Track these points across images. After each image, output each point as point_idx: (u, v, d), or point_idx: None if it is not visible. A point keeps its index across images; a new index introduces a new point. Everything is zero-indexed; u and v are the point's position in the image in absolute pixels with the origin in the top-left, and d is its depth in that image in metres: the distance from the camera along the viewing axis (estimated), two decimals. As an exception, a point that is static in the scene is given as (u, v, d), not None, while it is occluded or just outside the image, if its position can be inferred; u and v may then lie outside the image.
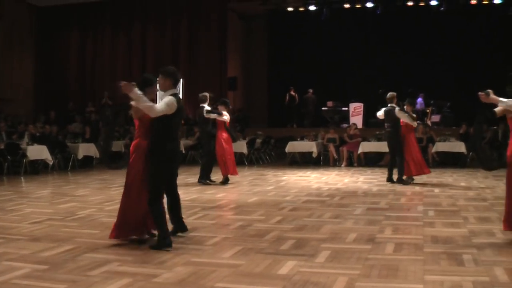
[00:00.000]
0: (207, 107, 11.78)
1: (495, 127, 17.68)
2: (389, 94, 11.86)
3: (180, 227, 6.39)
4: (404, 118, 11.57)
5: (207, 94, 12.04)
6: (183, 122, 22.03)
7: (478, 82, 20.70)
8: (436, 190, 10.64)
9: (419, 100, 20.65)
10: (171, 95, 5.77)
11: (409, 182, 11.59)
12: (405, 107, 11.70)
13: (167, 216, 6.11)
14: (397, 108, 11.58)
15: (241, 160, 17.45)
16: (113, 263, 5.12)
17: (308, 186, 11.46)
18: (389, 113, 11.66)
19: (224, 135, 11.94)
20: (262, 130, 19.55)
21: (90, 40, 24.69)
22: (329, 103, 22.05)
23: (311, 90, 22.31)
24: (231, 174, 12.09)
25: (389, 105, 11.73)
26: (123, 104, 6.00)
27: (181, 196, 9.96)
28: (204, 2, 23.24)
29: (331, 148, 17.09)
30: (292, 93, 22.18)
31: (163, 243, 5.69)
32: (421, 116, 18.69)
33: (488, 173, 13.72)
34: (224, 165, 11.88)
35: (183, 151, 18.30)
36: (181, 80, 23.14)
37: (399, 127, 11.63)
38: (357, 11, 22.36)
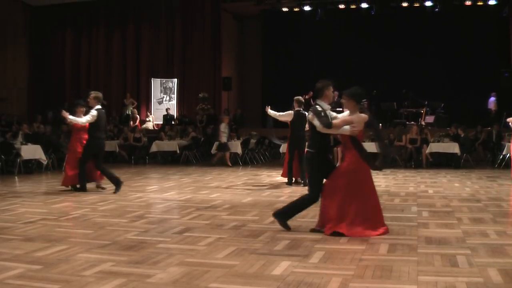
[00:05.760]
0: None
1: (489, 128, 17.74)
2: None
3: None
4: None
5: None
6: (177, 121, 22.06)
7: (473, 83, 20.87)
8: (430, 191, 10.66)
9: (492, 99, 20.61)
10: None
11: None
12: None
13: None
14: None
15: (236, 160, 17.44)
16: (106, 263, 5.11)
17: (302, 187, 11.44)
18: None
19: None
20: (256, 130, 19.54)
21: (85, 40, 24.64)
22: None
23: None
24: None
25: None
26: None
27: (174, 196, 10.03)
28: (198, 2, 23.23)
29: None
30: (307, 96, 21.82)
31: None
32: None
33: (482, 174, 13.78)
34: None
35: (178, 151, 18.30)
36: (176, 80, 23.17)
37: None
38: (351, 11, 22.39)
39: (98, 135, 10.61)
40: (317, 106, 6.63)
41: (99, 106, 10.62)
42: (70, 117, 10.62)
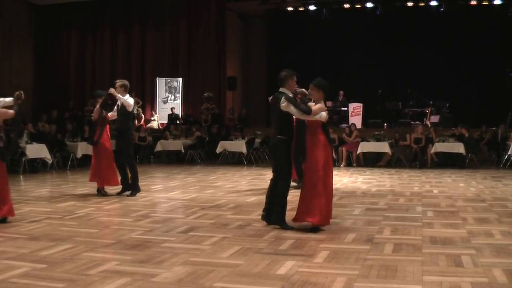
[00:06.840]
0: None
1: (494, 128, 17.69)
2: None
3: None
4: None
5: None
6: (182, 121, 22.08)
7: (478, 83, 20.81)
8: (435, 190, 10.64)
9: None
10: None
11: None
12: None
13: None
14: None
15: (240, 160, 17.45)
16: (111, 262, 5.12)
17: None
18: None
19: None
20: (261, 130, 19.52)
21: (90, 39, 24.63)
22: (328, 103, 21.99)
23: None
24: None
25: None
26: None
27: (179, 195, 10.05)
28: (203, 1, 23.20)
29: (330, 148, 17.03)
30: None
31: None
32: None
33: (487, 174, 13.75)
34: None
35: (182, 151, 18.31)
36: (180, 79, 23.18)
37: None
38: (356, 11, 22.35)
39: (130, 125, 10.10)
40: (289, 94, 6.72)
41: (128, 95, 9.91)
42: (119, 96, 9.68)
